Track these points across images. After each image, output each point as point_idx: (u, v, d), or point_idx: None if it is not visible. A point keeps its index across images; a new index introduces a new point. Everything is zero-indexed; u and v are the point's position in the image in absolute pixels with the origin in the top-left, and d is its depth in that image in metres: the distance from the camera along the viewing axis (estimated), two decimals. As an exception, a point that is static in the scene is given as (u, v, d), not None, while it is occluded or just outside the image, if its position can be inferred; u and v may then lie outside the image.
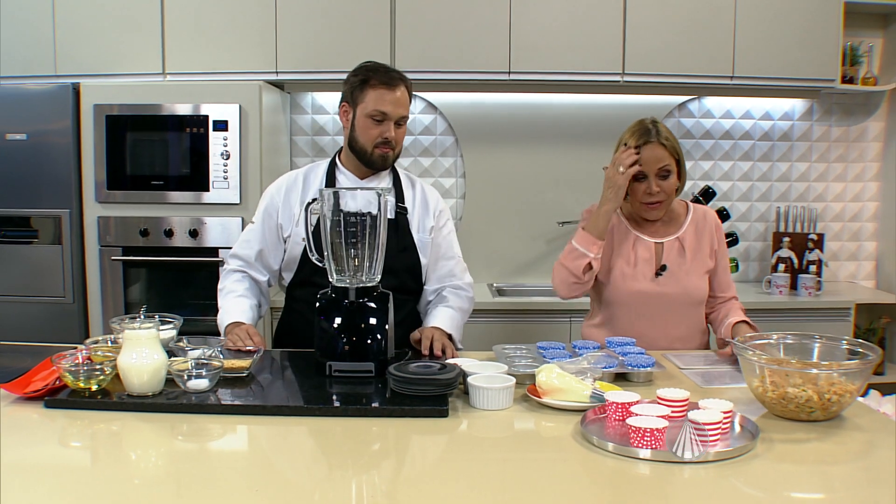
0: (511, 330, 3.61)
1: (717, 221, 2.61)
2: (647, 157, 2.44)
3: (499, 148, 4.18)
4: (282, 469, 1.56)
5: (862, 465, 1.59)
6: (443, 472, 1.54)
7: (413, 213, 2.55)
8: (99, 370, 1.86)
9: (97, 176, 3.57)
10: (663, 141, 2.44)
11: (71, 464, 1.57)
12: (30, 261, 3.60)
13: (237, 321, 2.38)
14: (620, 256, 2.56)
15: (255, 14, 3.74)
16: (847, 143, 4.33)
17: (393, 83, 2.39)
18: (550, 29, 3.78)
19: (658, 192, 2.46)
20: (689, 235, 2.56)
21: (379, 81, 2.38)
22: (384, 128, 2.39)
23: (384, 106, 2.37)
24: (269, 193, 2.56)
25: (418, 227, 2.54)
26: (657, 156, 2.44)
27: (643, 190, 2.47)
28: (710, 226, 2.59)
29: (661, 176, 2.45)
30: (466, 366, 1.99)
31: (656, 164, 2.44)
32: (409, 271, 2.53)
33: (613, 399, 1.73)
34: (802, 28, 3.83)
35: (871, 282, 4.42)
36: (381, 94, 2.37)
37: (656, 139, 2.44)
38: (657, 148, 2.44)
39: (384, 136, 2.39)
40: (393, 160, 2.48)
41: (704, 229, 2.58)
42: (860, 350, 1.87)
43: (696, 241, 2.56)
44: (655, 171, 2.44)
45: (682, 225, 2.58)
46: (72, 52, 3.75)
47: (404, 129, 2.47)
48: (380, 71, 2.41)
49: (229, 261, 2.58)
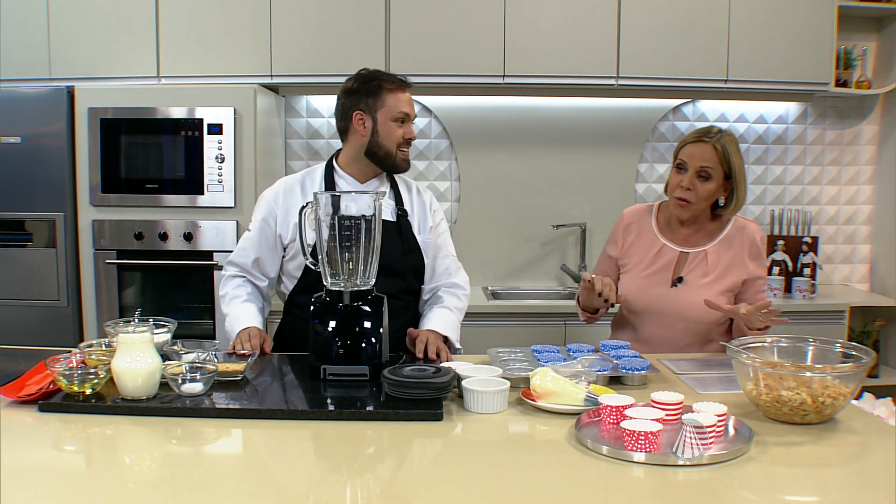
0: (505, 333, 3.61)
1: (753, 236, 2.51)
2: (693, 152, 2.42)
3: (494, 151, 4.19)
4: (276, 473, 1.56)
5: (856, 467, 1.60)
6: (437, 475, 1.54)
7: (413, 215, 2.57)
8: (93, 374, 1.86)
9: (91, 179, 3.56)
10: (716, 144, 2.41)
11: (65, 468, 1.56)
12: (24, 264, 3.59)
13: (248, 326, 2.38)
14: (641, 262, 2.54)
15: (249, 17, 3.74)
16: (841, 147, 4.35)
17: (406, 85, 2.47)
18: (545, 33, 3.78)
19: (689, 189, 2.42)
20: (717, 251, 2.49)
21: (397, 85, 2.45)
22: (407, 128, 2.46)
23: (405, 107, 2.45)
24: (266, 201, 2.54)
25: (419, 228, 2.56)
26: (703, 154, 2.41)
27: (678, 182, 2.45)
28: (747, 240, 2.50)
29: (700, 175, 2.41)
30: (461, 369, 2.00)
31: (699, 161, 2.40)
32: (414, 273, 2.54)
33: (608, 402, 1.73)
34: (796, 32, 3.84)
35: (866, 285, 4.43)
36: (399, 97, 2.44)
37: (710, 140, 2.41)
38: (707, 147, 2.41)
39: (407, 136, 2.45)
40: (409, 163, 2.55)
41: (739, 244, 2.49)
42: (854, 353, 1.88)
43: (725, 257, 2.48)
44: (696, 167, 2.41)
45: (712, 239, 2.51)
46: (66, 55, 3.74)
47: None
48: (389, 75, 2.48)
49: (227, 267, 2.58)
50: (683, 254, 2.52)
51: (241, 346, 2.25)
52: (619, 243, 2.61)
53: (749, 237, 2.51)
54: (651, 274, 2.51)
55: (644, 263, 2.53)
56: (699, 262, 2.49)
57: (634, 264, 2.56)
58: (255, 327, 2.37)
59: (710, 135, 2.42)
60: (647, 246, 2.55)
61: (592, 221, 4.22)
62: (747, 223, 2.55)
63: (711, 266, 2.48)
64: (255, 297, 2.54)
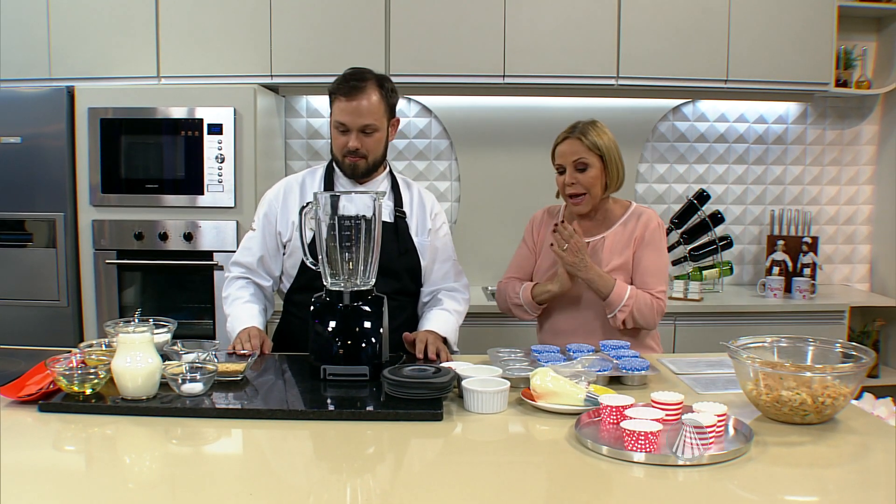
0: (505, 333, 3.61)
1: (650, 222, 2.59)
2: (563, 150, 2.57)
3: (493, 151, 4.19)
4: (276, 473, 1.56)
5: (856, 468, 1.60)
6: (437, 475, 1.54)
7: (411, 217, 2.57)
8: (93, 374, 1.86)
9: (91, 179, 3.56)
10: (579, 136, 2.54)
11: (65, 468, 1.56)
12: (24, 264, 3.59)
13: (248, 326, 2.38)
14: (548, 256, 2.63)
15: (249, 17, 3.74)
16: (841, 147, 4.35)
17: (352, 94, 2.38)
18: (545, 33, 3.78)
19: (574, 183, 2.54)
20: (616, 235, 2.60)
21: (340, 93, 2.41)
22: (346, 138, 2.42)
23: (342, 117, 2.40)
24: (268, 200, 2.57)
25: (417, 229, 2.56)
26: (572, 149, 2.54)
27: (562, 182, 2.57)
28: (640, 226, 2.59)
29: (577, 169, 2.53)
30: (461, 369, 2.00)
31: (571, 156, 2.54)
32: (410, 274, 2.54)
33: (608, 402, 1.73)
34: (796, 32, 3.84)
35: (866, 285, 4.43)
36: (341, 106, 2.41)
37: (575, 135, 2.55)
38: (573, 142, 2.55)
39: (348, 147, 2.41)
40: (366, 168, 2.48)
41: (635, 229, 2.59)
42: (854, 353, 1.88)
43: (623, 240, 2.58)
44: (571, 163, 2.54)
45: (609, 226, 2.62)
46: (66, 56, 3.74)
47: (377, 138, 2.45)
48: (345, 80, 2.42)
49: (231, 268, 2.59)
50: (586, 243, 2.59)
51: (240, 346, 2.26)
52: (534, 238, 2.75)
53: (644, 223, 2.60)
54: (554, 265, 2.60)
55: (549, 257, 2.63)
56: (598, 248, 2.60)
57: (543, 257, 2.68)
58: (255, 327, 2.37)
59: (573, 130, 2.57)
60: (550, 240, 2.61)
61: (592, 221, 4.22)
62: (645, 210, 2.65)
63: (608, 251, 2.58)
64: (258, 297, 2.55)
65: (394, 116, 2.52)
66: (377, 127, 2.43)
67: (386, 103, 2.45)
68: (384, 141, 2.49)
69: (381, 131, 2.45)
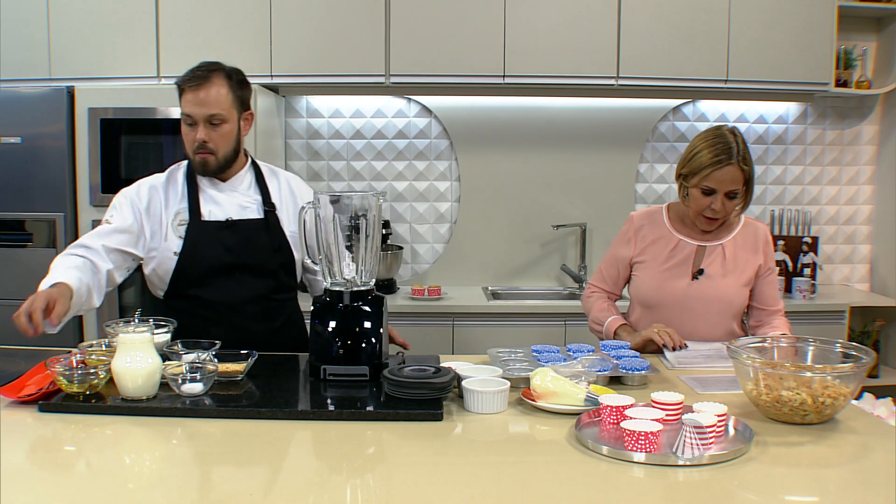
0: (505, 333, 3.61)
1: (767, 237, 2.55)
2: (721, 177, 2.36)
3: (494, 151, 4.19)
4: (276, 473, 1.56)
5: (856, 468, 1.60)
6: (437, 475, 1.54)
7: (281, 209, 2.46)
8: (93, 374, 1.86)
9: (91, 179, 3.56)
10: (742, 165, 2.36)
11: (65, 468, 1.56)
12: (24, 264, 3.59)
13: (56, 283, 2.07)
14: (657, 258, 2.54)
15: (250, 17, 3.74)
16: (841, 147, 4.35)
17: (194, 82, 2.29)
18: (545, 33, 3.78)
19: (720, 211, 2.41)
20: (734, 245, 2.52)
21: (185, 84, 2.30)
22: (193, 131, 2.30)
23: (188, 108, 2.29)
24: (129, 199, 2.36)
25: (288, 222, 2.45)
26: (733, 177, 2.36)
27: (707, 204, 2.41)
28: (760, 240, 2.53)
29: (728, 196, 2.40)
30: (461, 369, 2.00)
31: (729, 185, 2.37)
32: (285, 269, 2.46)
33: (608, 402, 1.73)
34: (796, 32, 3.84)
35: (866, 285, 4.43)
36: (187, 97, 2.30)
37: (736, 162, 2.35)
38: (735, 170, 2.35)
39: (196, 140, 2.30)
40: (217, 166, 2.35)
41: (752, 242, 2.53)
42: (854, 353, 1.88)
43: (741, 251, 2.51)
44: (725, 191, 2.38)
45: (729, 233, 2.53)
46: (66, 56, 3.75)
47: (226, 130, 2.32)
48: (190, 72, 2.32)
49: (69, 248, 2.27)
50: (700, 248, 2.52)
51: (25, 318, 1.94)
52: (633, 243, 2.60)
53: (762, 236, 2.55)
54: (670, 268, 2.51)
55: (661, 258, 2.53)
56: (717, 255, 2.51)
57: (651, 259, 2.55)
58: (63, 284, 2.06)
59: (730, 154, 2.35)
60: (662, 243, 2.55)
61: (592, 221, 4.22)
62: (757, 223, 2.59)
63: (730, 259, 2.50)
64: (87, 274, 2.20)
65: (247, 109, 2.41)
66: (225, 118, 2.31)
67: (234, 94, 2.35)
68: (235, 134, 2.36)
69: (231, 123, 2.33)
